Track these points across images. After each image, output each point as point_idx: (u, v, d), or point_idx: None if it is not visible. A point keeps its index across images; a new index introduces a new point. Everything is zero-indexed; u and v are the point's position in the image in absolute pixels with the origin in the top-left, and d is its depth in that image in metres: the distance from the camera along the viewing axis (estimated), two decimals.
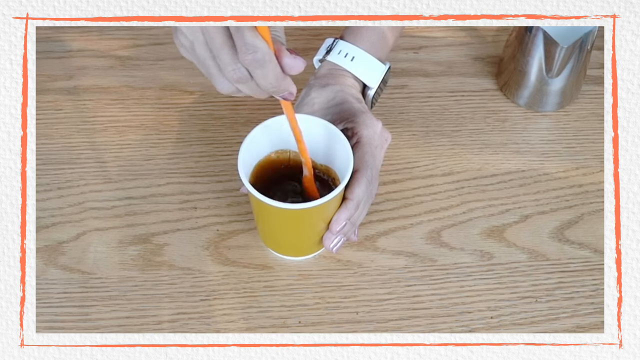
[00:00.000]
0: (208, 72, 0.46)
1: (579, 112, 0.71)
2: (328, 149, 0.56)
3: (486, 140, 0.69)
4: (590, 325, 0.58)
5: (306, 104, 0.59)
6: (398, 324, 0.57)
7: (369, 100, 0.64)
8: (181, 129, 0.69)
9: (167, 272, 0.60)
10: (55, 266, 0.60)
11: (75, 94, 0.71)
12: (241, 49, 0.42)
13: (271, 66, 0.43)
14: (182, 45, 0.46)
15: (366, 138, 0.56)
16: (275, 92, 0.46)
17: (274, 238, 0.59)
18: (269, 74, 0.44)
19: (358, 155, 0.56)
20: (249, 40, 0.42)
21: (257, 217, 0.58)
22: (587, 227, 0.63)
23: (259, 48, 0.42)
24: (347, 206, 0.54)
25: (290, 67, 0.44)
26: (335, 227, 0.55)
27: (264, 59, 0.42)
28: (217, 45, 0.43)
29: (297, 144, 0.53)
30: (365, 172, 0.55)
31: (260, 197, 0.51)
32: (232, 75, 0.44)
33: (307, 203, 0.51)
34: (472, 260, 0.61)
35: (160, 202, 0.64)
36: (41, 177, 0.65)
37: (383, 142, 0.58)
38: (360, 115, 0.57)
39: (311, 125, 0.55)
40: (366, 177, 0.55)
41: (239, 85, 0.45)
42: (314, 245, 0.59)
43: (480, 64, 0.74)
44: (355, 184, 0.54)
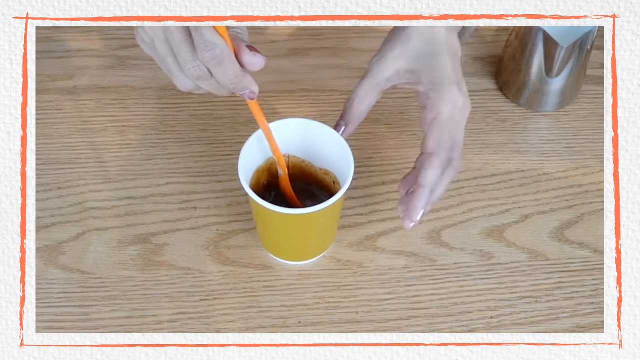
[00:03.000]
0: (168, 69, 0.46)
1: (579, 112, 0.71)
2: (328, 153, 0.56)
3: (486, 140, 0.69)
4: (590, 325, 0.58)
5: (401, 38, 0.52)
6: (398, 324, 0.57)
7: (470, 30, 0.59)
8: (181, 129, 0.69)
9: (167, 272, 0.60)
10: (55, 266, 0.60)
11: (75, 94, 0.71)
12: (199, 46, 0.42)
13: (230, 63, 0.43)
14: (143, 41, 0.46)
15: (446, 115, 0.52)
16: (235, 90, 0.46)
17: (275, 243, 0.59)
18: (228, 71, 0.44)
19: (434, 135, 0.52)
20: (208, 38, 0.42)
21: (257, 221, 0.58)
22: (587, 227, 0.63)
23: (217, 45, 0.42)
24: (420, 194, 0.52)
25: (250, 64, 0.44)
26: (414, 217, 0.52)
27: (222, 55, 0.43)
28: (177, 42, 0.43)
29: (268, 143, 0.52)
30: (440, 155, 0.52)
31: (261, 202, 0.51)
32: (192, 73, 0.44)
33: (308, 208, 0.50)
34: (472, 260, 0.61)
35: (160, 202, 0.64)
36: (41, 177, 0.65)
37: (465, 115, 0.53)
38: (446, 87, 0.52)
39: (310, 129, 0.55)
40: (440, 160, 0.52)
41: (199, 83, 0.45)
42: (314, 251, 0.59)
43: (480, 64, 0.74)
44: (429, 168, 0.52)
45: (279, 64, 0.74)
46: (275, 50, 0.75)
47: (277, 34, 0.77)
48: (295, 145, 0.57)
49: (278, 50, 0.75)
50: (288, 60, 0.74)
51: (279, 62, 0.74)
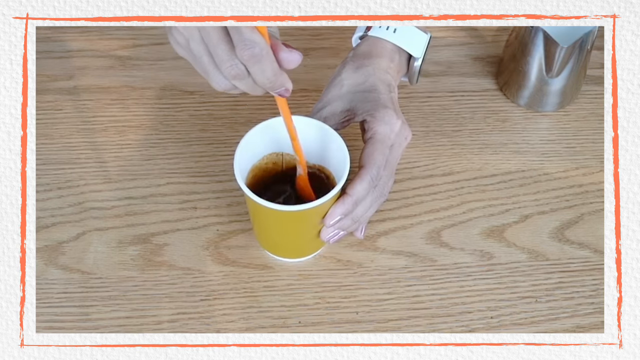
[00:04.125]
0: (204, 69, 0.45)
1: (579, 112, 0.71)
2: (323, 151, 0.56)
3: (486, 140, 0.69)
4: (590, 325, 0.58)
5: (335, 85, 0.59)
6: (398, 324, 0.57)
7: (416, 72, 0.63)
8: (181, 129, 0.69)
9: (167, 272, 0.60)
10: (55, 266, 0.60)
11: (75, 94, 0.71)
12: (239, 44, 0.42)
13: (269, 61, 0.43)
14: (177, 42, 0.46)
15: (380, 135, 0.55)
16: (272, 88, 0.46)
17: (271, 240, 0.59)
18: (266, 69, 0.43)
19: (368, 151, 0.55)
20: (247, 36, 0.42)
21: (253, 219, 0.58)
22: (587, 227, 0.63)
23: (256, 43, 0.42)
24: (343, 201, 0.53)
25: (288, 61, 0.44)
26: (328, 220, 0.53)
27: (262, 53, 0.42)
28: (214, 41, 0.43)
29: (291, 142, 0.53)
30: (369, 170, 0.54)
31: (257, 199, 0.51)
32: (230, 72, 0.44)
33: (303, 205, 0.51)
34: (472, 260, 0.61)
35: (160, 202, 0.64)
36: (41, 177, 0.65)
37: (402, 141, 0.57)
38: (381, 111, 0.56)
39: (306, 126, 0.55)
40: (370, 174, 0.54)
41: (235, 82, 0.45)
42: (310, 247, 0.59)
43: (480, 64, 0.74)
44: (357, 180, 0.54)
45: None
46: None
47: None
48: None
49: None
50: None
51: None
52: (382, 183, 0.55)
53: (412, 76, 0.64)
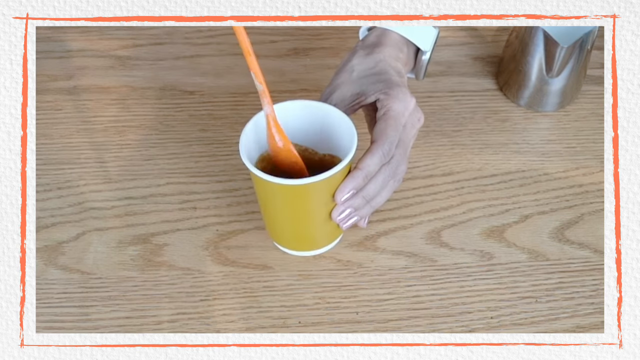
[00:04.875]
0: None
1: (579, 112, 0.71)
2: (333, 138, 0.55)
3: (486, 140, 0.69)
4: (590, 325, 0.58)
5: (346, 70, 0.58)
6: (398, 324, 0.57)
7: (423, 66, 0.63)
8: (181, 129, 0.69)
9: (167, 272, 0.60)
10: (55, 266, 0.60)
11: (75, 94, 0.71)
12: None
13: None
14: None
15: (394, 112, 0.54)
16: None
17: (282, 227, 0.58)
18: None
19: (380, 127, 0.53)
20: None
21: (262, 205, 0.57)
22: (587, 227, 0.63)
23: None
24: (353, 175, 0.52)
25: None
26: (339, 196, 0.52)
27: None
28: None
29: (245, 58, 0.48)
30: (382, 144, 0.52)
31: (262, 176, 0.49)
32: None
33: (310, 178, 0.49)
34: (472, 260, 0.61)
35: (160, 202, 0.64)
36: (41, 177, 0.65)
37: (415, 122, 0.55)
38: (395, 89, 0.55)
39: (310, 111, 0.54)
40: (382, 149, 0.52)
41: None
42: (322, 236, 0.58)
43: (480, 64, 0.74)
44: (368, 154, 0.52)
45: (279, 64, 0.74)
46: (275, 50, 0.75)
47: (277, 33, 0.77)
48: (297, 132, 0.56)
49: (278, 50, 0.75)
50: (288, 60, 0.74)
51: (279, 62, 0.74)
52: (394, 162, 0.54)
53: (419, 71, 0.63)
